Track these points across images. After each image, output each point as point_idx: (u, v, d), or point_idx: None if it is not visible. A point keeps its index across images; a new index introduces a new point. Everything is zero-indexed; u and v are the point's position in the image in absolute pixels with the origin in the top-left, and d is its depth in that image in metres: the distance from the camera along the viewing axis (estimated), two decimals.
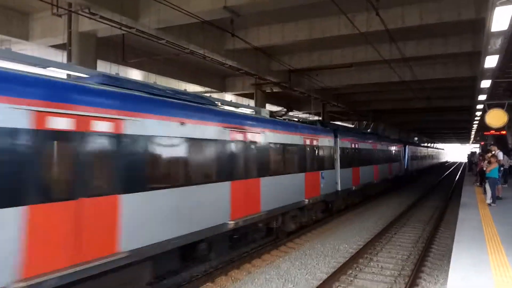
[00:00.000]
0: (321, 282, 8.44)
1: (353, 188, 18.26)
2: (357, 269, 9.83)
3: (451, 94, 30.44)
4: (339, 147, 16.67)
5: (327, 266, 9.94)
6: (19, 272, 4.86)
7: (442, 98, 32.79)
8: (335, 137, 16.50)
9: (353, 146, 18.88)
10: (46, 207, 5.18)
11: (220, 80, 26.84)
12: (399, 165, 31.27)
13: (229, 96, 28.81)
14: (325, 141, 15.22)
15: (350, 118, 41.80)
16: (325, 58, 20.70)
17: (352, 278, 9.10)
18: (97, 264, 5.71)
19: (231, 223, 8.91)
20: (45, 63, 6.56)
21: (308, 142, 13.56)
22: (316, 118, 31.91)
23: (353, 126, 41.09)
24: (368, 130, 32.30)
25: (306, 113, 35.26)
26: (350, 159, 18.21)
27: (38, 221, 5.07)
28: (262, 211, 10.33)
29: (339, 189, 16.23)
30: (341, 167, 16.47)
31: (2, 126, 4.82)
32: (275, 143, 11.34)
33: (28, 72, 5.63)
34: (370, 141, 22.58)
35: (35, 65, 6.52)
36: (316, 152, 14.29)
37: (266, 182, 10.53)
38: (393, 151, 29.40)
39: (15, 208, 4.84)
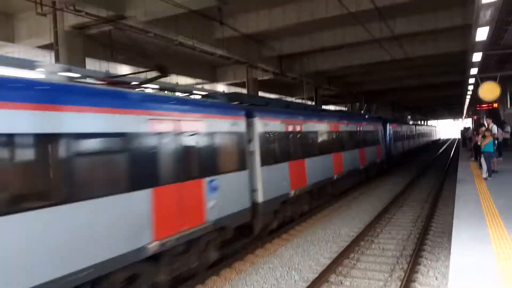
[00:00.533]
0: (324, 267, 8.52)
1: (292, 194, 12.33)
2: (359, 252, 9.93)
3: (443, 70, 30.51)
4: (259, 133, 10.78)
5: (329, 251, 10.02)
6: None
7: (434, 75, 32.86)
8: (249, 117, 10.54)
9: (290, 129, 12.85)
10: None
11: (211, 70, 26.67)
12: (377, 149, 24.44)
13: (221, 87, 28.68)
14: (221, 125, 9.13)
15: (343, 101, 41.87)
16: (315, 41, 20.59)
17: (355, 262, 9.19)
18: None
19: None
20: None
21: (165, 127, 7.31)
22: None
23: (346, 108, 41.07)
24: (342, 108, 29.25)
25: (299, 98, 35.20)
26: (285, 149, 12.42)
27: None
28: None
29: (261, 200, 10.43)
30: (263, 164, 10.76)
31: None
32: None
33: None
34: (324, 121, 16.15)
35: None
36: (193, 144, 8.05)
37: None
38: (367, 132, 22.67)
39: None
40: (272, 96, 32.92)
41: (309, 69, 23.92)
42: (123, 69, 20.70)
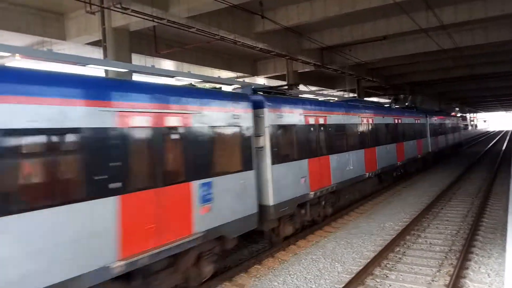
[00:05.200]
0: (369, 260, 8.39)
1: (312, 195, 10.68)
2: (405, 246, 9.69)
3: (493, 60, 28.92)
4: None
5: (373, 244, 9.84)
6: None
7: (484, 65, 31.27)
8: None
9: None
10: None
11: (252, 64, 26.80)
12: (417, 143, 22.17)
13: (261, 80, 28.77)
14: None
15: (386, 93, 40.77)
16: (356, 33, 20.15)
17: (400, 256, 8.98)
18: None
19: None
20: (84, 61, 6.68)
21: None
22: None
23: (389, 100, 39.96)
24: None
25: (341, 90, 34.64)
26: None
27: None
28: None
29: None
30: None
31: None
32: None
33: None
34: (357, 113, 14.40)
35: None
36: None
37: None
38: (405, 126, 20.30)
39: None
40: (313, 88, 32.60)
41: (351, 60, 23.45)
42: (167, 64, 21.24)
